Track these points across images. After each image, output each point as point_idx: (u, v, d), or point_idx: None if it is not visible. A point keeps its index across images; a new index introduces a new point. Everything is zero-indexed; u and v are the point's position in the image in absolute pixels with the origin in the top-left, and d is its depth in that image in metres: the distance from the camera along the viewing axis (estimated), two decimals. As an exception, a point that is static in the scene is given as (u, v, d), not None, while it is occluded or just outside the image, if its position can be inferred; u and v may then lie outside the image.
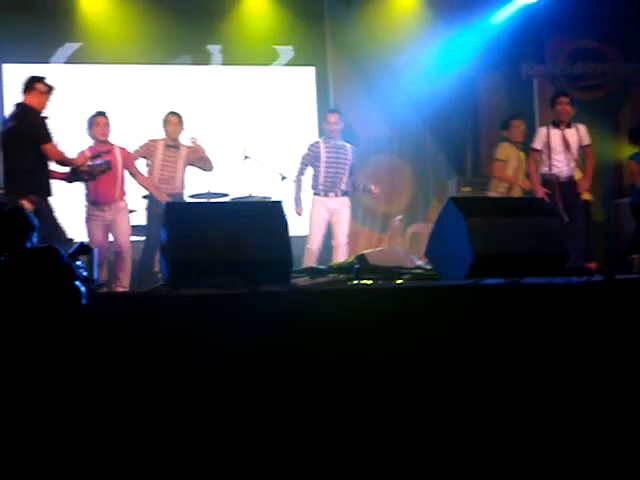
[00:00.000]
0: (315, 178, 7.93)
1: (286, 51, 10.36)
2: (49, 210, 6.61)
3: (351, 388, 4.57)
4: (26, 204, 6.23)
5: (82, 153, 7.21)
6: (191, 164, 7.99)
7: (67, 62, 9.73)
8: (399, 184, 10.34)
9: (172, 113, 8.01)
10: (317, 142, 8.05)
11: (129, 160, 7.70)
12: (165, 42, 9.73)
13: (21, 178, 6.49)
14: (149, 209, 7.76)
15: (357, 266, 6.17)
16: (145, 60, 9.86)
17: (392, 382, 4.63)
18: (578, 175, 7.92)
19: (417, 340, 4.77)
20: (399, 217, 9.85)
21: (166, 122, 7.96)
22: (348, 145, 8.17)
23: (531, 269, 5.32)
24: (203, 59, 10.14)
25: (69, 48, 9.73)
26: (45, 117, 6.64)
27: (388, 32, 10.10)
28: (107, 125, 7.57)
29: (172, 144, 7.91)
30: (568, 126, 7.65)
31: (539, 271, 5.34)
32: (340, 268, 6.37)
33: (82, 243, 4.67)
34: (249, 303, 4.72)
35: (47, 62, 9.59)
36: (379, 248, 9.57)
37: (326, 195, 7.87)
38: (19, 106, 6.68)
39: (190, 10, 9.60)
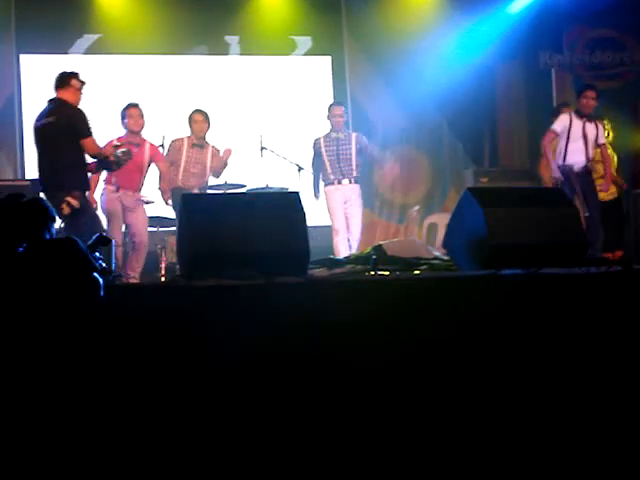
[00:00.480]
0: (324, 173, 7.96)
1: (304, 41, 10.35)
2: (89, 204, 6.61)
3: (369, 379, 4.56)
4: (72, 201, 6.14)
5: (110, 143, 7.14)
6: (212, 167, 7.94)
7: (86, 53, 9.76)
8: (416, 175, 10.31)
9: (198, 111, 7.96)
10: (318, 139, 8.05)
11: (159, 158, 7.67)
12: (183, 33, 9.74)
13: (65, 174, 6.30)
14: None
15: (374, 257, 6.17)
16: (162, 51, 9.87)
17: (410, 373, 4.62)
18: (598, 173, 7.88)
19: (435, 331, 4.76)
20: (416, 208, 9.83)
21: (192, 120, 7.90)
22: (354, 134, 8.13)
23: (549, 259, 5.30)
24: (221, 50, 10.15)
25: (88, 39, 9.77)
26: (83, 111, 6.56)
27: (405, 22, 10.07)
28: (140, 117, 7.56)
29: (198, 143, 7.86)
30: (590, 119, 7.59)
31: (557, 261, 5.32)
32: (357, 259, 6.37)
33: (101, 234, 4.67)
34: (266, 294, 4.72)
35: (66, 53, 9.64)
36: (396, 239, 9.57)
37: (339, 182, 7.88)
38: (56, 101, 6.49)
39: (208, 1, 9.60)
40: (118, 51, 9.71)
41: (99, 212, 7.26)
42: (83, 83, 6.64)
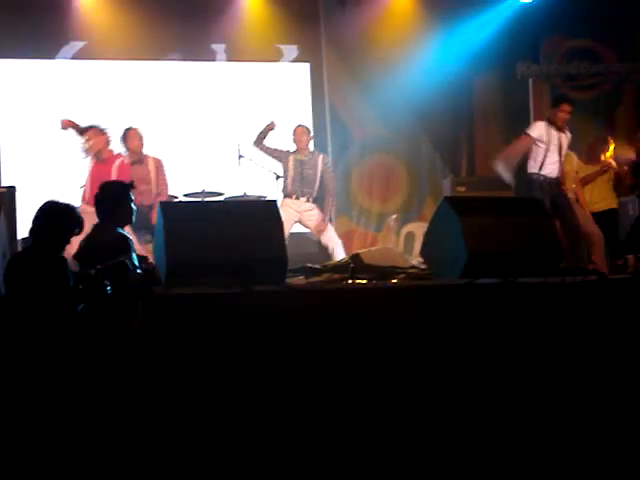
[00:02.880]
0: (285, 185, 7.96)
1: (290, 50, 10.40)
2: None
3: (345, 387, 4.57)
4: None
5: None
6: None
7: (72, 58, 9.74)
8: (394, 183, 10.34)
9: (133, 129, 7.85)
10: (287, 155, 8.03)
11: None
12: (169, 40, 9.73)
13: None
14: None
15: (352, 265, 6.19)
16: (146, 57, 9.87)
17: (386, 380, 4.63)
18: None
19: (412, 339, 4.78)
20: (394, 216, 9.85)
21: (128, 137, 7.75)
22: (320, 156, 8.12)
23: (525, 268, 5.33)
24: (207, 57, 10.15)
25: (73, 46, 9.74)
26: None
27: (383, 31, 10.11)
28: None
29: (136, 159, 7.75)
30: (563, 131, 7.63)
31: (533, 270, 5.35)
32: (335, 267, 6.38)
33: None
34: (244, 303, 4.72)
35: (53, 58, 9.62)
36: (374, 248, 9.59)
37: (297, 198, 7.92)
38: None
39: (194, 8, 9.61)
40: (104, 57, 9.68)
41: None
42: None
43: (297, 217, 7.90)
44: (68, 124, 7.39)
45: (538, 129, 7.54)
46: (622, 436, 4.58)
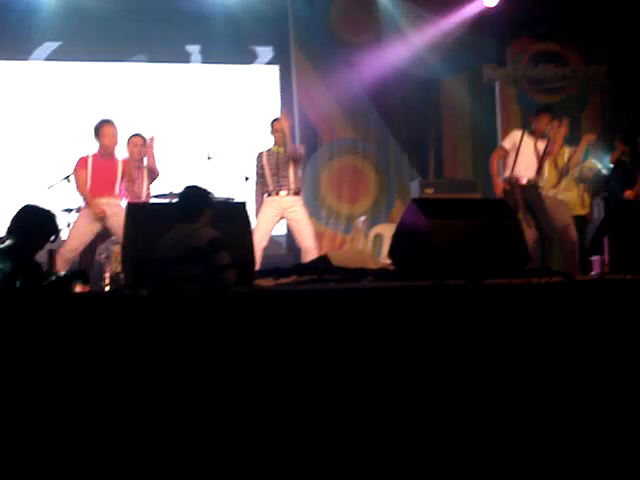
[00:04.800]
0: (265, 185, 7.87)
1: (265, 51, 10.41)
2: None
3: (314, 387, 4.58)
4: None
5: None
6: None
7: (47, 59, 9.68)
8: (362, 185, 10.37)
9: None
10: (261, 153, 7.99)
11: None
12: (143, 41, 9.71)
13: None
14: None
15: (320, 267, 6.19)
16: (118, 58, 9.85)
17: (353, 381, 4.65)
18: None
19: (379, 340, 4.80)
20: (362, 218, 9.87)
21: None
22: (289, 145, 8.06)
23: (492, 270, 5.38)
24: (181, 58, 10.14)
25: (48, 47, 9.67)
26: None
27: (352, 33, 10.14)
28: (115, 135, 7.49)
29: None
30: (542, 137, 7.72)
31: (500, 272, 5.40)
32: (303, 269, 6.38)
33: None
34: (212, 304, 4.71)
35: (26, 59, 9.55)
36: (342, 249, 9.61)
37: (277, 194, 7.80)
38: None
39: (169, 10, 9.59)
40: (79, 58, 9.64)
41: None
42: None
43: (279, 215, 7.74)
44: None
45: (511, 138, 7.68)
46: (593, 429, 4.63)
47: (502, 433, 4.55)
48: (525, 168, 7.58)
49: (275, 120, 8.08)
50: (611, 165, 8.62)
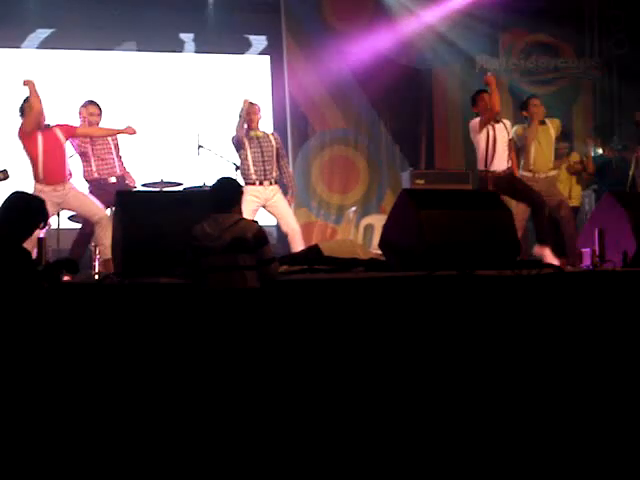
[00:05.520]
0: (245, 171, 7.76)
1: (259, 41, 10.38)
2: None
3: (302, 380, 4.58)
4: None
5: None
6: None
7: (39, 47, 9.64)
8: (353, 176, 10.36)
9: (93, 102, 7.69)
10: (237, 135, 7.87)
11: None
12: (136, 29, 9.67)
13: None
14: None
15: (311, 257, 6.17)
16: (111, 46, 9.82)
17: (341, 373, 4.64)
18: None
19: (370, 331, 4.79)
20: (353, 209, 9.87)
21: (89, 113, 7.65)
22: (270, 133, 8.02)
23: (482, 261, 5.37)
24: (175, 47, 10.10)
25: (41, 34, 9.63)
26: None
27: (343, 22, 10.12)
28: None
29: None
30: (496, 121, 7.58)
31: (490, 263, 5.39)
32: (294, 259, 6.36)
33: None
34: (199, 293, 4.70)
35: (19, 47, 9.50)
36: (333, 239, 9.60)
37: (261, 183, 7.73)
38: None
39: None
40: (72, 46, 9.61)
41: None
42: None
43: (259, 205, 7.69)
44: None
45: (472, 129, 7.59)
46: (586, 421, 4.64)
47: (494, 424, 4.56)
48: (497, 160, 7.46)
49: (251, 104, 7.94)
50: (602, 158, 8.66)
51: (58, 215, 7.34)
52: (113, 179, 7.51)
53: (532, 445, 4.45)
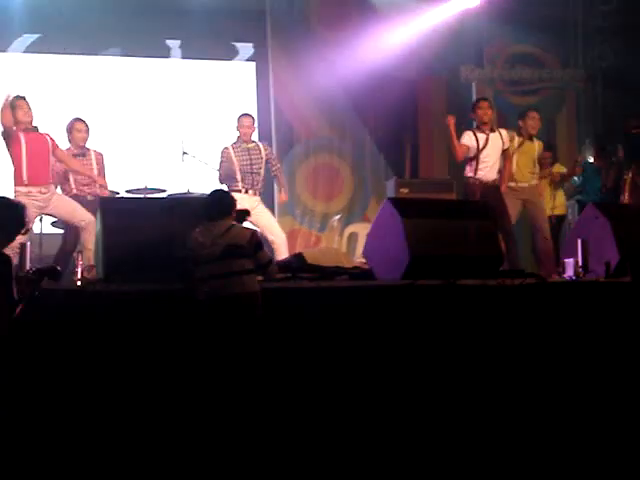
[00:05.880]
0: (232, 182, 7.81)
1: (245, 48, 10.38)
2: None
3: (289, 388, 4.57)
4: None
5: None
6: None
7: (25, 52, 9.59)
8: (338, 184, 10.36)
9: (80, 120, 7.74)
10: (226, 148, 7.94)
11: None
12: (123, 35, 9.63)
13: None
14: None
15: (295, 265, 6.17)
16: (96, 52, 9.79)
17: (327, 381, 4.63)
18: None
19: (352, 339, 4.79)
20: (337, 217, 9.87)
21: (74, 129, 7.64)
22: (261, 145, 8.08)
23: (466, 270, 5.38)
24: (161, 53, 10.08)
25: (27, 38, 9.59)
26: None
27: (329, 30, 10.13)
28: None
29: (79, 152, 7.66)
30: (492, 130, 7.67)
31: (473, 273, 5.40)
32: (278, 267, 6.34)
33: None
34: (185, 299, 4.68)
35: (4, 51, 9.46)
36: (317, 247, 9.59)
37: (246, 192, 7.78)
38: None
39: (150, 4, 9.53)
40: (58, 51, 9.57)
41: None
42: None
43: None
44: None
45: (467, 139, 7.62)
46: (570, 426, 4.66)
47: (480, 431, 4.56)
48: (485, 168, 7.52)
49: (243, 115, 8.02)
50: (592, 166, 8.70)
51: (41, 220, 7.29)
52: (91, 197, 7.43)
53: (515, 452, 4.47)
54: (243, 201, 7.64)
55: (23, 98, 7.19)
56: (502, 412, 4.70)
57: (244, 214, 5.21)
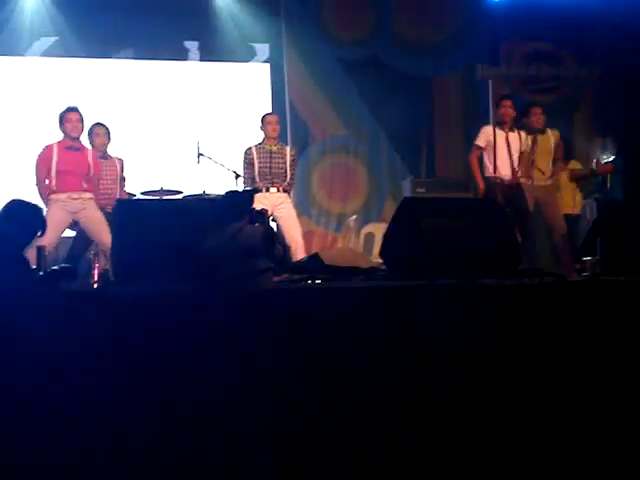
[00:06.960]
0: (252, 182, 7.82)
1: (263, 48, 10.40)
2: None
3: (300, 391, 4.55)
4: None
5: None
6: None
7: (43, 55, 9.64)
8: (354, 184, 10.35)
9: (100, 124, 7.78)
10: (249, 149, 7.95)
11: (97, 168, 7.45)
12: (140, 37, 9.68)
13: None
14: None
15: (312, 265, 6.16)
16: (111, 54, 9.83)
17: (340, 385, 4.61)
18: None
19: (369, 341, 4.76)
20: (354, 217, 9.85)
21: (93, 134, 7.70)
22: (287, 147, 8.09)
23: (483, 270, 5.34)
24: (180, 55, 10.11)
25: (45, 41, 9.63)
26: None
27: (344, 31, 10.12)
28: (79, 121, 7.37)
29: (101, 155, 7.68)
30: (511, 129, 7.65)
31: (492, 272, 5.37)
32: (294, 267, 6.34)
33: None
34: (200, 302, 4.67)
35: (22, 55, 9.50)
36: (334, 248, 9.58)
37: (267, 190, 7.77)
38: None
39: (167, 6, 9.55)
40: (76, 54, 9.62)
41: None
42: None
43: (270, 212, 7.68)
44: None
45: (484, 135, 7.59)
46: (587, 427, 4.62)
47: (496, 434, 4.53)
48: (504, 166, 7.50)
49: (268, 114, 8.05)
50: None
51: (71, 227, 7.27)
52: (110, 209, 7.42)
53: (534, 454, 4.44)
54: (264, 200, 7.68)
55: (75, 110, 7.20)
56: (523, 414, 4.67)
57: (258, 214, 5.20)
